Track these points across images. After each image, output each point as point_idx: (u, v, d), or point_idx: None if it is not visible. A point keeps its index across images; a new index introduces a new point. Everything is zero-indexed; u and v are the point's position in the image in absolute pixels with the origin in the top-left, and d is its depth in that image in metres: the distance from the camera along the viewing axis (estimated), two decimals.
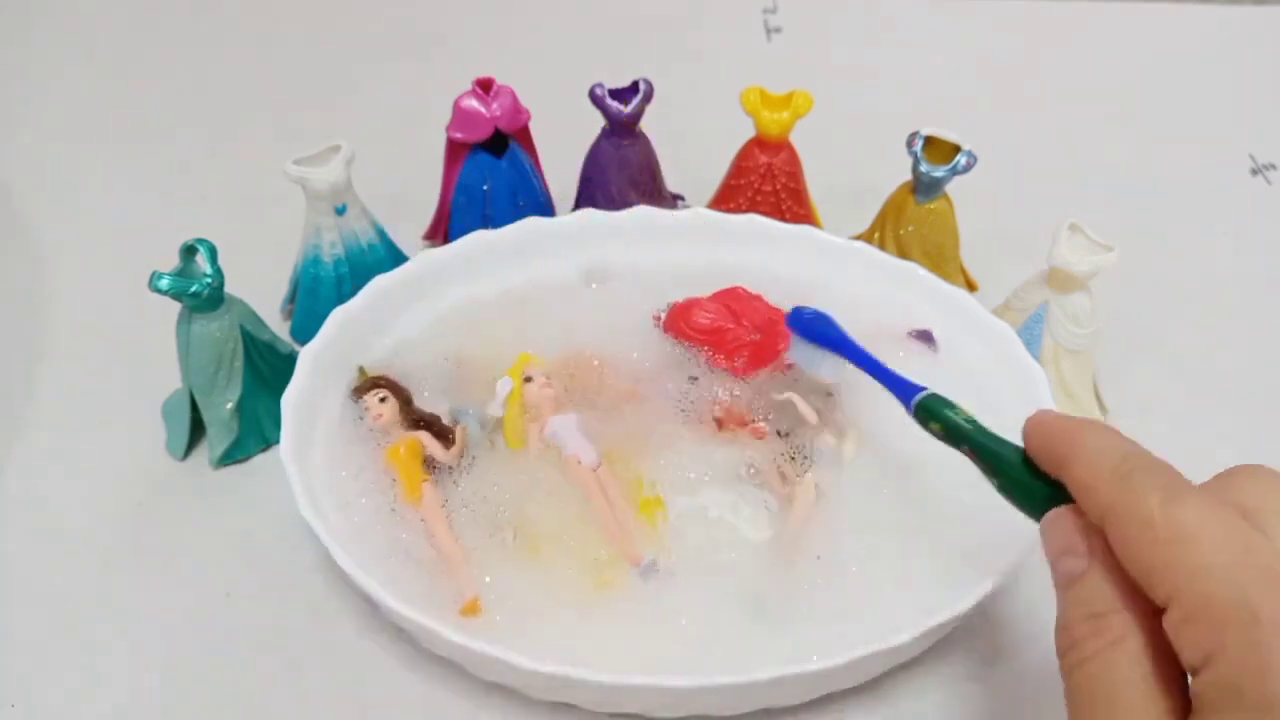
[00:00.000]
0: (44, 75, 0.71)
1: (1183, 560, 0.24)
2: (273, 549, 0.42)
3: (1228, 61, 0.75)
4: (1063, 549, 0.28)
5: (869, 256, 0.49)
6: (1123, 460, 0.27)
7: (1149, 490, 0.26)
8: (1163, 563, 0.24)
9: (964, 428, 0.33)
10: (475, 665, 0.36)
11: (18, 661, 0.39)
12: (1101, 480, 0.27)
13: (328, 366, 0.43)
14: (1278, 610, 0.22)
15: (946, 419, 0.34)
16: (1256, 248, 0.60)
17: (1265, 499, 0.26)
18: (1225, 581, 0.23)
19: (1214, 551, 0.24)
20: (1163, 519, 0.25)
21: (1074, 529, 0.28)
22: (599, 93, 0.51)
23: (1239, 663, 0.22)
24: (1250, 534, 0.24)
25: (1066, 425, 0.29)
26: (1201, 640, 0.23)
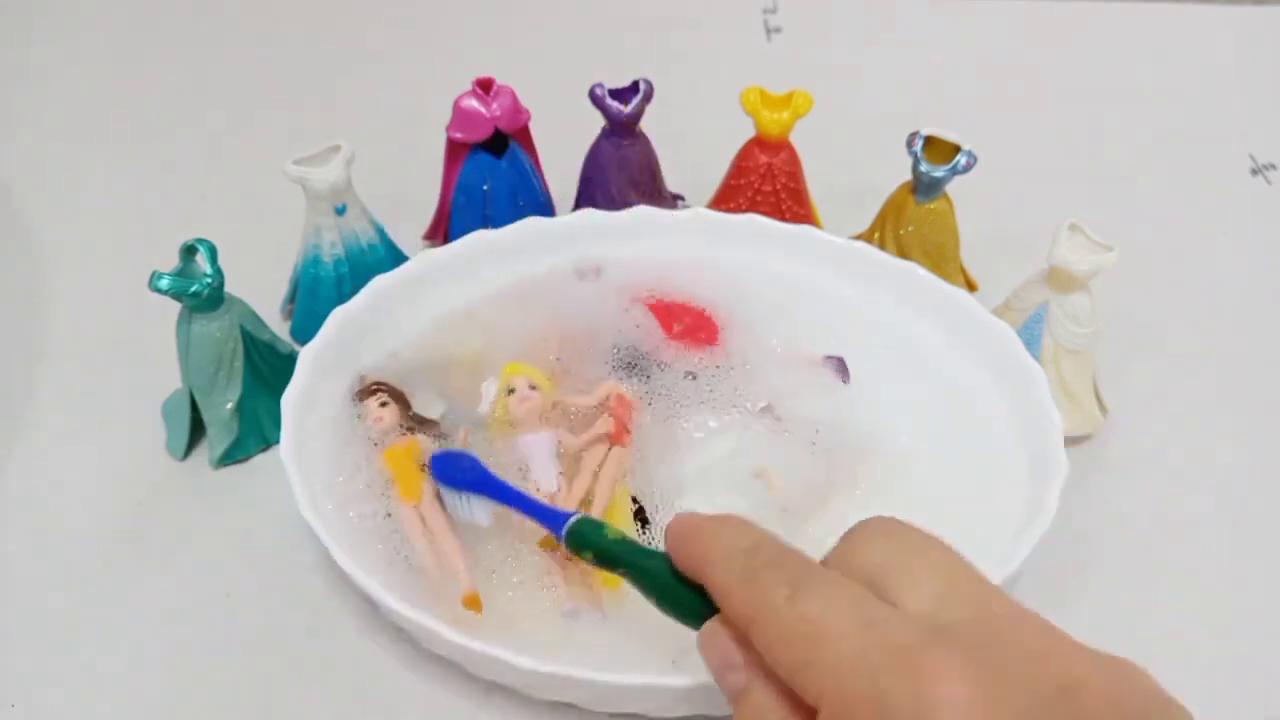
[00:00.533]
0: (44, 75, 0.71)
1: (816, 659, 0.24)
2: (273, 549, 0.42)
3: (1228, 61, 0.75)
4: (722, 664, 0.27)
5: (869, 256, 0.49)
6: (750, 556, 0.27)
7: (775, 587, 0.25)
8: (802, 664, 0.24)
9: (614, 548, 0.32)
10: (475, 665, 0.36)
11: (18, 661, 0.39)
12: (733, 582, 0.27)
13: (328, 366, 0.43)
14: (907, 697, 0.22)
15: (597, 543, 0.33)
16: (1256, 248, 0.60)
17: (886, 557, 0.26)
18: (855, 674, 0.23)
19: (841, 641, 0.24)
20: (790, 617, 0.25)
21: (728, 641, 0.27)
22: (599, 93, 0.51)
23: None
24: (872, 608, 0.24)
25: (700, 525, 0.29)
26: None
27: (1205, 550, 0.44)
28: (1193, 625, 0.41)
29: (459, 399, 0.44)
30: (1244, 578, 0.43)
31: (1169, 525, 0.45)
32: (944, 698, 0.22)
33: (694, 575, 0.29)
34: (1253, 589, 0.43)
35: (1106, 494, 0.46)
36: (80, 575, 0.42)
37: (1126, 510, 0.45)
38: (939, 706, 0.22)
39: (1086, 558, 0.43)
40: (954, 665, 0.22)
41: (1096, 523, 0.44)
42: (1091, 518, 0.44)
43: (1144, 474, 0.47)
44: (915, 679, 0.22)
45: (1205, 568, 0.43)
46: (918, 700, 0.22)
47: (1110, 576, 0.42)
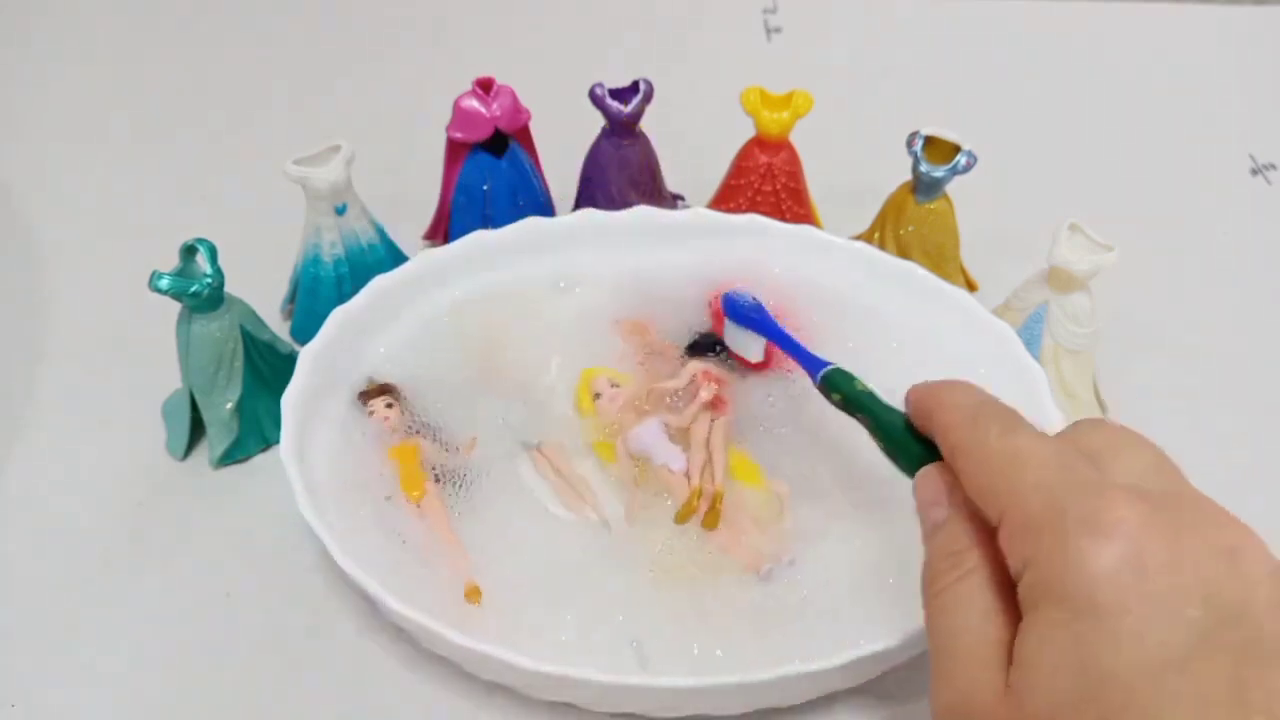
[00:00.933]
0: (44, 75, 0.71)
1: (1011, 480, 0.26)
2: (273, 549, 0.42)
3: (1228, 61, 0.75)
4: (929, 500, 0.30)
5: (869, 256, 0.49)
6: (975, 406, 0.30)
7: (990, 425, 0.28)
8: (995, 485, 0.27)
9: (860, 397, 0.36)
10: (475, 665, 0.36)
11: (18, 661, 0.39)
12: (955, 423, 0.30)
13: (328, 366, 0.43)
14: (1083, 510, 0.24)
15: (846, 390, 0.37)
16: (1256, 248, 0.60)
17: (1103, 442, 0.28)
18: (1042, 494, 0.25)
19: (1038, 470, 0.26)
20: (998, 447, 0.28)
21: (940, 482, 0.30)
22: (599, 93, 0.51)
23: (1048, 561, 0.24)
24: (1073, 456, 0.27)
25: (937, 385, 0.32)
26: (1023, 548, 0.25)
27: None
28: None
29: (462, 398, 0.44)
30: None
31: None
32: (1117, 518, 0.24)
33: (924, 421, 0.32)
34: None
35: None
36: (80, 575, 0.42)
37: None
38: (1112, 523, 0.24)
39: None
40: (1133, 499, 0.24)
41: None
42: None
43: None
44: (1094, 500, 0.24)
45: None
46: (1093, 514, 0.24)
47: None
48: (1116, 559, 0.23)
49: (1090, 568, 0.23)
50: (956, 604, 0.27)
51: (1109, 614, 0.23)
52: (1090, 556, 0.23)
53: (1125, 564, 0.23)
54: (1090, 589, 0.23)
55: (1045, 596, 0.24)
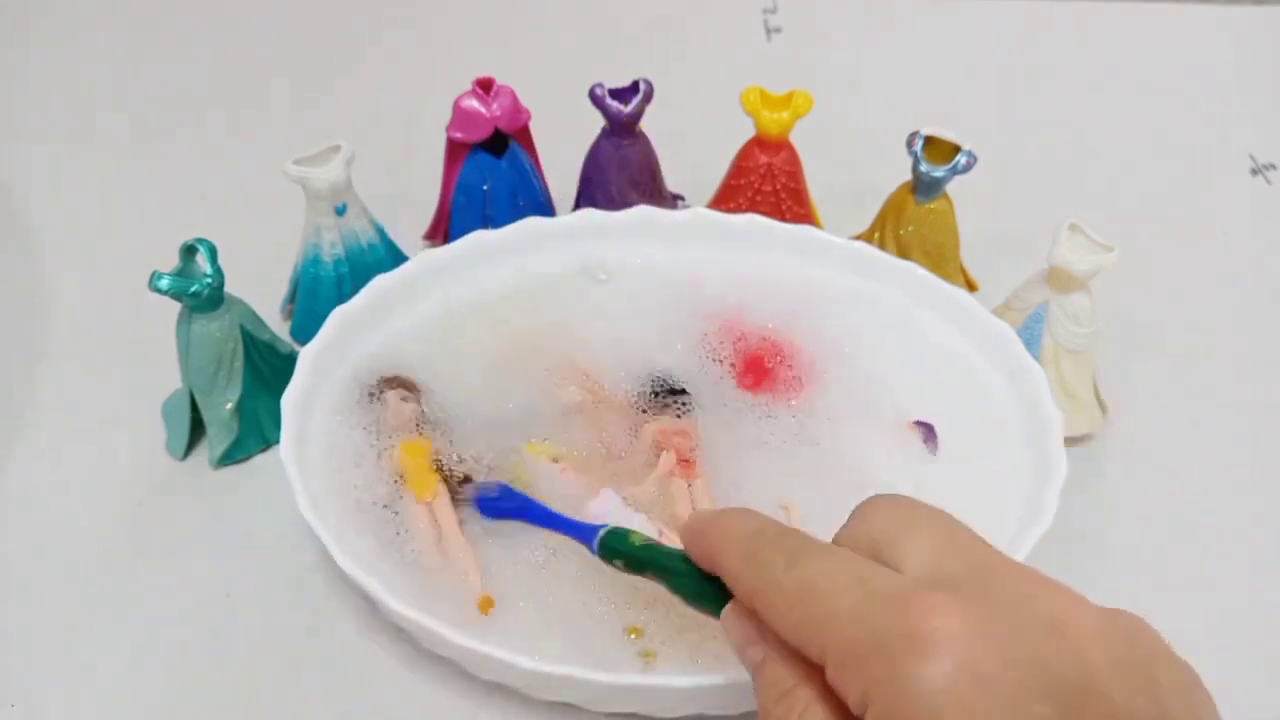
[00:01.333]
0: (44, 75, 0.71)
1: (815, 614, 0.25)
2: (273, 549, 0.42)
3: (1228, 61, 0.75)
4: (743, 642, 0.28)
5: (869, 256, 0.49)
6: (751, 539, 0.28)
7: (775, 560, 0.27)
8: (803, 624, 0.26)
9: (641, 553, 0.33)
10: (475, 665, 0.36)
11: (18, 661, 0.39)
12: (736, 564, 0.28)
13: (328, 366, 0.43)
14: (898, 629, 0.23)
15: (626, 551, 0.34)
16: (1256, 248, 0.60)
17: (889, 525, 0.27)
18: (853, 623, 0.24)
19: (836, 597, 0.25)
20: (789, 583, 0.26)
21: (744, 621, 0.28)
22: (599, 93, 0.51)
23: (886, 695, 0.23)
24: (862, 565, 0.26)
25: (710, 518, 0.30)
26: (855, 687, 0.24)
27: (1205, 550, 0.44)
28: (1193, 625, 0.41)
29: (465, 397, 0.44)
30: (1245, 577, 0.43)
31: (1169, 525, 0.45)
32: (936, 629, 0.23)
33: (708, 566, 0.30)
34: (1253, 588, 0.43)
35: (1106, 494, 0.46)
36: (80, 575, 0.42)
37: (1126, 510, 0.45)
38: (932, 637, 0.23)
39: (1086, 558, 0.43)
40: (945, 602, 0.23)
41: (1096, 523, 0.44)
42: (1091, 518, 0.44)
43: (1144, 474, 0.47)
44: (907, 616, 0.23)
45: (1206, 567, 0.43)
46: (910, 633, 0.23)
47: (1110, 576, 0.42)
48: (950, 674, 0.22)
49: (927, 691, 0.22)
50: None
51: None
52: (924, 679, 0.22)
53: (960, 676, 0.22)
54: (934, 713, 0.22)
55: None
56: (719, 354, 0.46)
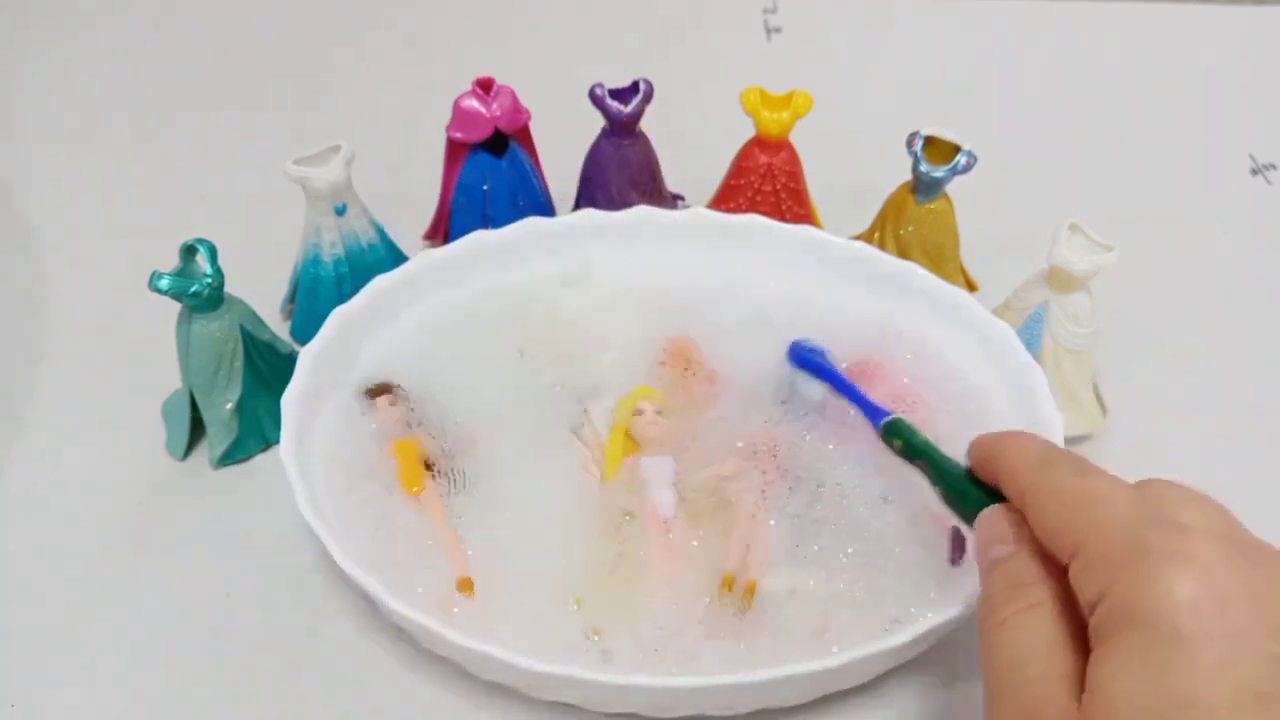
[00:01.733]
0: (44, 75, 0.71)
1: (1086, 518, 0.27)
2: (273, 549, 0.42)
3: (1228, 61, 0.75)
4: (992, 538, 0.30)
5: (869, 256, 0.49)
6: (1045, 450, 0.31)
7: (1062, 468, 0.29)
8: (1070, 523, 0.27)
9: (921, 446, 0.37)
10: (475, 665, 0.36)
11: (18, 661, 0.39)
12: (1024, 466, 0.30)
13: (328, 366, 0.43)
14: (1165, 544, 0.25)
15: (907, 438, 0.38)
16: (1256, 248, 0.60)
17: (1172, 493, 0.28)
18: (1121, 529, 0.26)
19: (1113, 507, 0.27)
20: (1072, 486, 0.28)
21: (1004, 522, 0.30)
22: (599, 93, 0.51)
23: (1129, 589, 0.25)
24: (1145, 499, 0.27)
25: (1004, 433, 0.33)
26: (1100, 579, 0.26)
27: None
28: None
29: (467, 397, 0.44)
30: None
31: None
32: (1197, 552, 0.24)
33: (989, 468, 0.32)
34: None
35: None
36: (80, 575, 0.42)
37: None
38: (1195, 557, 0.24)
39: None
40: (1210, 539, 0.25)
41: None
42: None
43: (1144, 474, 0.46)
44: (1175, 537, 0.25)
45: None
46: (1174, 549, 0.25)
47: None
48: (1199, 590, 0.24)
49: (1174, 596, 0.24)
50: (1022, 634, 0.27)
51: (1192, 642, 0.23)
52: (1174, 585, 0.24)
53: (1208, 596, 0.24)
54: (1173, 617, 0.23)
55: (1123, 623, 0.24)
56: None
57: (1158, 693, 0.23)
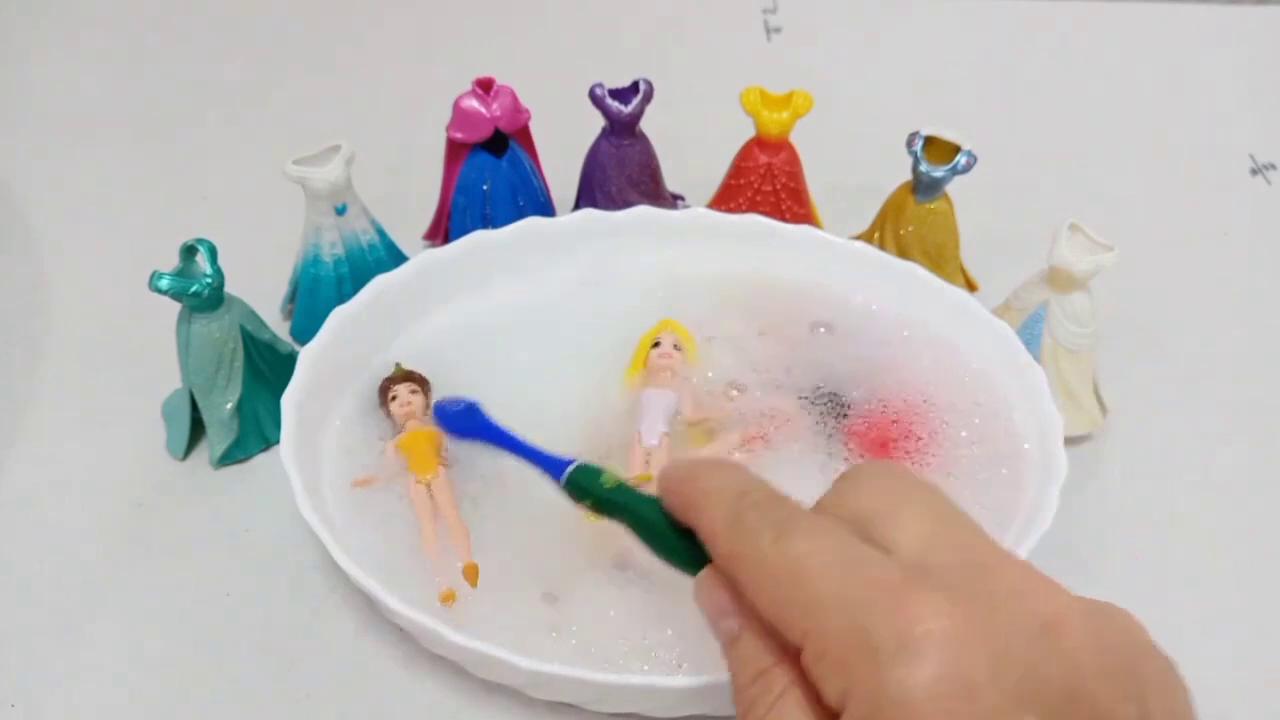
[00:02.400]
0: (44, 75, 0.71)
1: (799, 597, 0.24)
2: (273, 549, 0.42)
3: (1228, 61, 0.75)
4: (716, 611, 0.27)
5: (869, 256, 0.49)
6: (737, 500, 0.27)
7: (761, 529, 0.25)
8: (785, 603, 0.24)
9: (613, 495, 0.32)
10: (475, 665, 0.36)
11: (18, 661, 0.39)
12: (719, 527, 0.27)
13: (328, 366, 0.43)
14: (887, 629, 0.22)
15: (595, 490, 0.32)
16: (1256, 248, 0.60)
17: (880, 500, 0.26)
18: (838, 610, 0.23)
19: (824, 580, 0.24)
20: (774, 558, 0.25)
21: (721, 589, 0.27)
22: (599, 93, 0.51)
23: (868, 702, 0.22)
24: (856, 549, 0.24)
25: (693, 469, 0.29)
26: (833, 683, 0.23)
27: (1205, 550, 0.44)
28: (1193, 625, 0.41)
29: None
30: (1244, 577, 0.43)
31: (1169, 525, 0.45)
32: (925, 632, 0.22)
33: (684, 519, 0.28)
34: (1253, 589, 0.43)
35: (1106, 494, 0.46)
36: (80, 575, 0.42)
37: (1126, 510, 0.45)
38: (921, 642, 0.22)
39: (1086, 558, 0.43)
40: (935, 601, 0.22)
41: (1096, 523, 0.44)
42: (1091, 518, 0.44)
43: (1144, 474, 0.47)
44: (896, 614, 0.22)
45: (1205, 567, 0.43)
46: (899, 635, 0.22)
47: (1110, 576, 0.42)
48: (937, 681, 0.21)
49: (912, 698, 0.21)
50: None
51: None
52: (910, 686, 0.21)
53: (948, 684, 0.21)
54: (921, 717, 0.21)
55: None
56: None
57: None
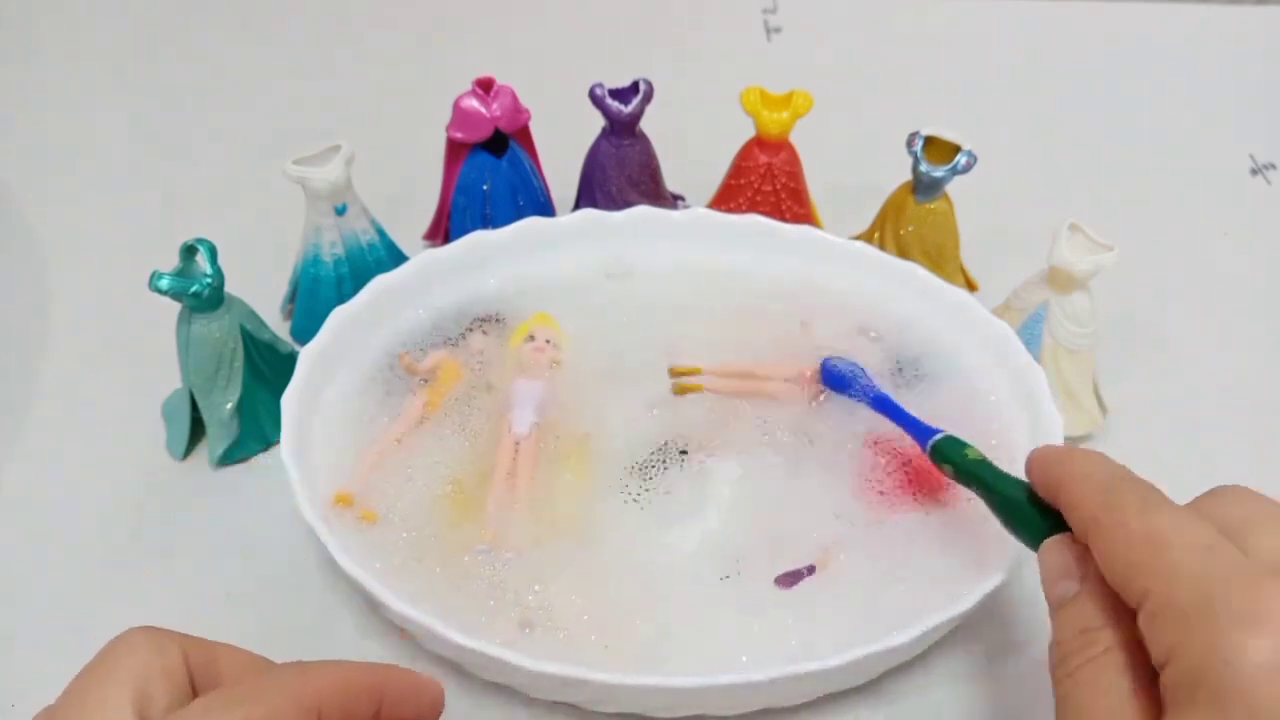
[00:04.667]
0: (44, 75, 0.71)
1: (1153, 562, 0.26)
2: (273, 549, 0.42)
3: (1228, 61, 0.75)
4: (1058, 574, 0.29)
5: (869, 256, 0.49)
6: (1109, 478, 0.29)
7: (1128, 501, 0.28)
8: (1136, 566, 0.26)
9: (973, 466, 0.35)
10: (475, 665, 0.36)
11: (18, 661, 0.39)
12: (1088, 496, 0.29)
13: (328, 366, 0.43)
14: (1235, 601, 0.23)
15: (957, 460, 0.36)
16: (1256, 248, 0.60)
17: (1243, 510, 0.27)
18: (1189, 580, 0.25)
19: (1181, 553, 0.25)
20: (1138, 526, 0.27)
21: (1069, 555, 0.29)
22: (599, 93, 0.51)
23: (1199, 654, 0.23)
24: (1216, 537, 0.26)
25: (1063, 453, 0.32)
26: (1165, 637, 0.24)
27: None
28: None
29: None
30: None
31: None
32: (1273, 610, 0.23)
33: (1050, 491, 0.31)
34: None
35: None
36: (80, 575, 0.42)
37: None
38: (1267, 614, 0.23)
39: None
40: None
41: None
42: None
43: (1144, 474, 0.46)
44: (1247, 592, 0.23)
45: None
46: (1247, 607, 0.23)
47: None
48: (1272, 656, 0.22)
49: (1246, 665, 0.22)
50: (1093, 686, 0.26)
51: (1268, 717, 0.22)
52: (1246, 652, 0.22)
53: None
54: (1247, 688, 0.22)
55: (1195, 693, 0.23)
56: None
57: None
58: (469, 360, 0.46)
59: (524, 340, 0.46)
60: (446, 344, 0.46)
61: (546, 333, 0.46)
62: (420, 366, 0.45)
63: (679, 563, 0.39)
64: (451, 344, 0.46)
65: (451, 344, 0.46)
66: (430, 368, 0.45)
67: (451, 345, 0.46)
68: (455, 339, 0.46)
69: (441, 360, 0.45)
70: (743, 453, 0.42)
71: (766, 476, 0.41)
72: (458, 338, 0.46)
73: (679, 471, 0.42)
